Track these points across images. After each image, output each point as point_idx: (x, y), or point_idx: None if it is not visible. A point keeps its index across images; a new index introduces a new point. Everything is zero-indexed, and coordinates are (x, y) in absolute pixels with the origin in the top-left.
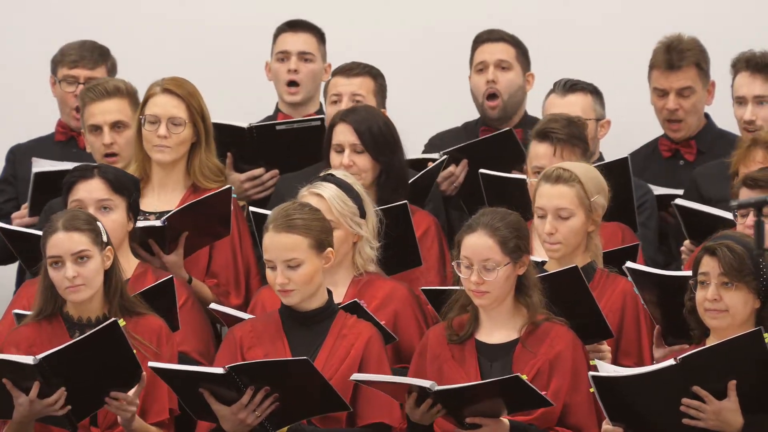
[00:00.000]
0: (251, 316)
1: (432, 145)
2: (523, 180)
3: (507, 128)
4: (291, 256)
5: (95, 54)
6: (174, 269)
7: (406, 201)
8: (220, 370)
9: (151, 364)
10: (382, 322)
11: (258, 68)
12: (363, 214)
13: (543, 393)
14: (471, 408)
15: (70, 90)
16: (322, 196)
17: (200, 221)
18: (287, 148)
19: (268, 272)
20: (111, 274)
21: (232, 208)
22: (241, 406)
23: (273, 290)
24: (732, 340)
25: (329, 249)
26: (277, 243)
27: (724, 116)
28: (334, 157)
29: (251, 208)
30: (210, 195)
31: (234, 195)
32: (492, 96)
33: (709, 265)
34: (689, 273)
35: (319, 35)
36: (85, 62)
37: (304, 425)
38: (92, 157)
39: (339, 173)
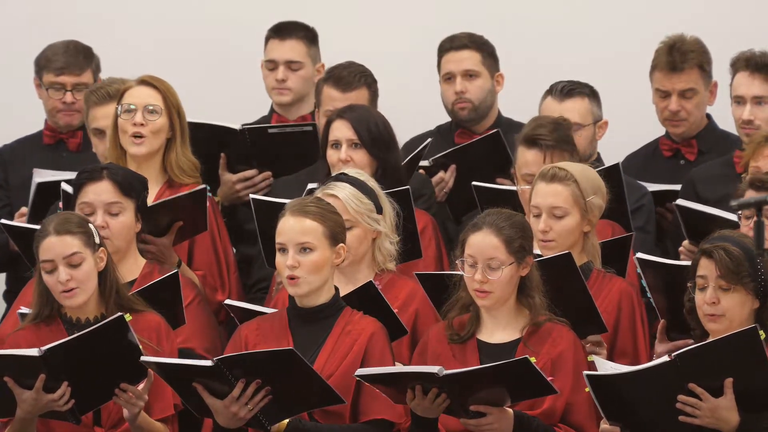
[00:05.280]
0: (272, 310)
1: (407, 149)
2: (514, 191)
3: (494, 130)
4: (305, 240)
5: (80, 57)
6: (166, 252)
7: (408, 186)
8: (208, 363)
9: (142, 358)
10: (402, 320)
11: (253, 68)
12: (379, 210)
13: (549, 379)
14: (475, 397)
15: (57, 97)
16: (336, 196)
17: (174, 219)
18: (280, 150)
19: (278, 257)
20: (105, 275)
21: (208, 204)
22: (233, 400)
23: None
24: (728, 337)
25: (341, 245)
26: (292, 226)
27: (725, 116)
28: (332, 154)
29: (252, 195)
30: (183, 194)
31: (209, 194)
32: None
33: (706, 267)
34: None
35: (308, 37)
36: (71, 68)
37: (305, 421)
38: (84, 160)
39: (352, 171)
